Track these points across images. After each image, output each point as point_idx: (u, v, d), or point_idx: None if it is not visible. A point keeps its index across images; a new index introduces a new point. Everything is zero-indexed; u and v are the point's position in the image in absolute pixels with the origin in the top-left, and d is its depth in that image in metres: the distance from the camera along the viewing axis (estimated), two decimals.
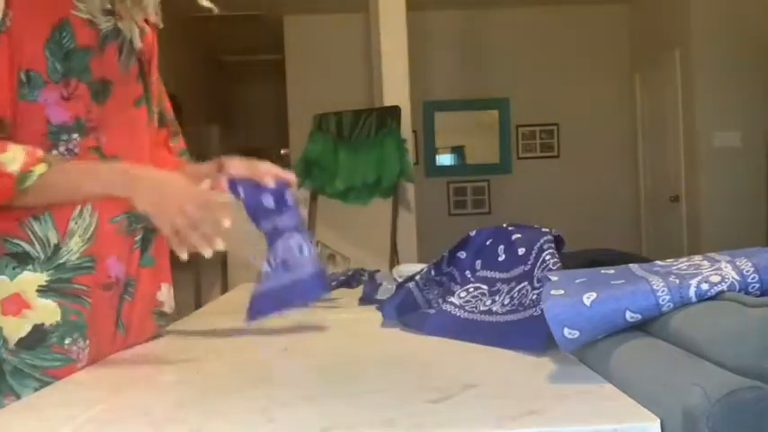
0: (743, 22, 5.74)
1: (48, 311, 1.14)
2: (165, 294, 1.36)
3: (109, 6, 1.22)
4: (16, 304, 1.12)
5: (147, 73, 1.32)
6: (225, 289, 4.83)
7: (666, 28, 6.30)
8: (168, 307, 1.37)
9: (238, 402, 0.87)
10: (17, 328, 1.12)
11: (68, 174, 1.14)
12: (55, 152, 1.16)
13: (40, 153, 1.10)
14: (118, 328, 1.25)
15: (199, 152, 1.49)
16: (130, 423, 0.82)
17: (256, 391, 0.93)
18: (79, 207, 1.18)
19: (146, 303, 1.30)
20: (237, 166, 1.33)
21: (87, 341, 1.17)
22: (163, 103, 1.46)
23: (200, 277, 4.82)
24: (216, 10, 1.66)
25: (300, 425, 0.77)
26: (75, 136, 1.18)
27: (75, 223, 1.18)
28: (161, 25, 1.38)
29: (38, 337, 1.13)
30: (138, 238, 1.27)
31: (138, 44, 1.29)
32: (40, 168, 1.08)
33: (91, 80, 1.19)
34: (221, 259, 5.04)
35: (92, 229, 1.19)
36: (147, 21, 1.34)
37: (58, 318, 1.14)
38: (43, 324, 1.13)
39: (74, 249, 1.17)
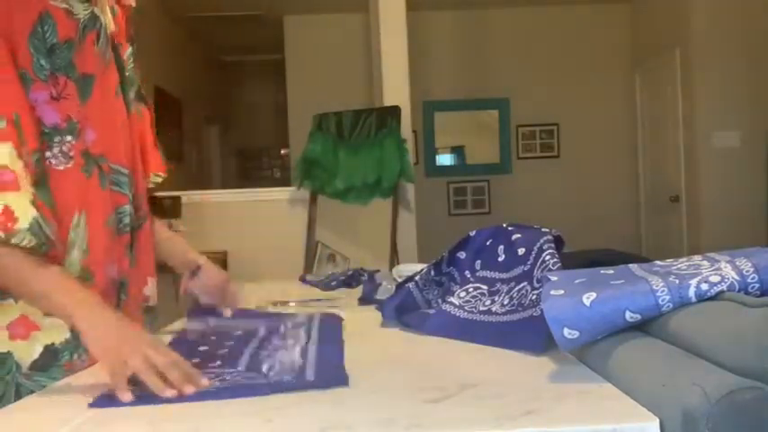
0: (743, 23, 5.74)
1: (56, 330, 1.11)
2: (151, 288, 1.35)
3: None
4: (24, 327, 1.10)
5: (120, 56, 1.27)
6: None
7: (666, 28, 6.30)
8: (153, 301, 1.36)
9: (237, 402, 0.87)
10: (28, 352, 1.10)
11: (19, 268, 1.02)
12: (49, 153, 1.12)
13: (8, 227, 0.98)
14: None
15: (199, 152, 1.47)
16: (129, 423, 0.82)
17: None
18: (77, 215, 1.14)
19: (137, 299, 1.29)
20: (209, 281, 1.40)
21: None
22: (138, 80, 1.39)
23: None
24: None
25: (299, 425, 0.77)
26: (69, 138, 1.14)
27: (75, 233, 1.14)
28: (134, 4, 1.34)
29: (50, 356, 1.11)
30: (128, 239, 1.25)
31: (112, 27, 1.24)
32: None
33: (77, 76, 1.15)
34: (221, 259, 5.05)
35: (87, 237, 1.15)
36: (118, 1, 1.29)
37: (67, 335, 1.12)
38: (53, 343, 1.11)
39: (75, 262, 1.14)
